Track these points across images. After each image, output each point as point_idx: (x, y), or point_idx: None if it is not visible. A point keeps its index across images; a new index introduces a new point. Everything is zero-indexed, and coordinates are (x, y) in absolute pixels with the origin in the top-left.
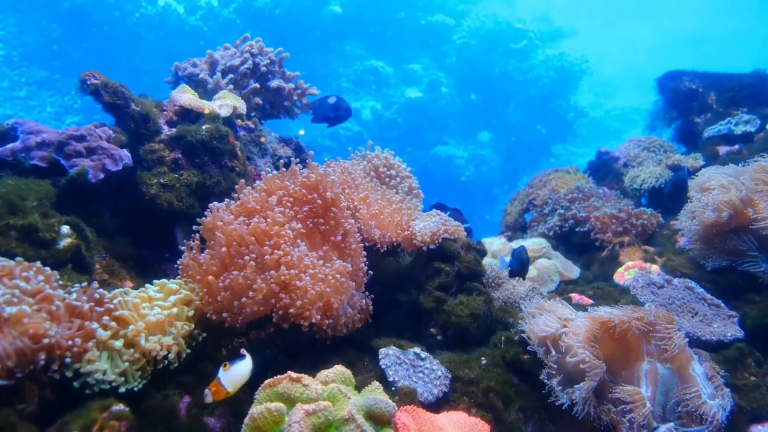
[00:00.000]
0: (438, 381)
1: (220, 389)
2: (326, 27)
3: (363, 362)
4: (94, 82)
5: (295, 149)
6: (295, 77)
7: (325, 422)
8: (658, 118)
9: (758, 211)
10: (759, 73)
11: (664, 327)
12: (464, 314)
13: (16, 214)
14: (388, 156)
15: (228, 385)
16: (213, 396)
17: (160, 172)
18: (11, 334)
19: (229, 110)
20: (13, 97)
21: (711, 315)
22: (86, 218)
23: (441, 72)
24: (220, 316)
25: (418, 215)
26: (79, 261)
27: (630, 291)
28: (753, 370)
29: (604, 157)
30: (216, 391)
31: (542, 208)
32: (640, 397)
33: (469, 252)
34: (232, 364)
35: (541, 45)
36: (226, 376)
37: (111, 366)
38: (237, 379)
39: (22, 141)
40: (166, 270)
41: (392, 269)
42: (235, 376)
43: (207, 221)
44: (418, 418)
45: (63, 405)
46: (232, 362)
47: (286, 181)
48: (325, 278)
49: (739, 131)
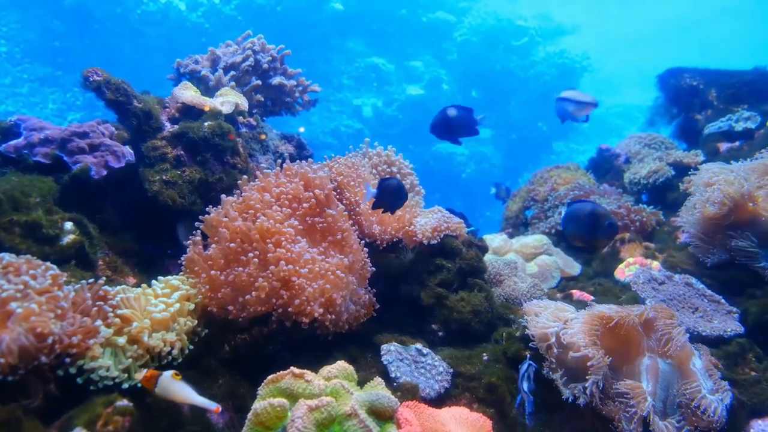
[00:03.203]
0: (440, 377)
1: (152, 380)
2: (327, 24)
3: (365, 358)
4: (96, 78)
5: (296, 146)
6: (297, 74)
7: (328, 417)
8: (658, 114)
9: (759, 205)
10: (760, 70)
11: (664, 323)
12: (466, 310)
13: (19, 210)
14: (389, 153)
15: (161, 387)
16: (143, 377)
17: (163, 168)
18: (16, 331)
19: (231, 107)
20: (16, 94)
21: (711, 311)
22: (89, 215)
23: (442, 69)
24: (224, 311)
25: (420, 212)
26: (82, 257)
27: (631, 287)
28: (753, 365)
29: (605, 154)
30: (148, 378)
31: (543, 205)
32: (641, 391)
33: (471, 248)
34: (182, 383)
35: (542, 42)
36: (168, 381)
37: (115, 362)
38: (170, 391)
39: (25, 138)
40: (169, 266)
41: (394, 265)
42: (173, 390)
43: (210, 218)
44: (420, 413)
45: (68, 400)
46: (183, 384)
47: (282, 178)
48: (324, 274)
49: (739, 128)
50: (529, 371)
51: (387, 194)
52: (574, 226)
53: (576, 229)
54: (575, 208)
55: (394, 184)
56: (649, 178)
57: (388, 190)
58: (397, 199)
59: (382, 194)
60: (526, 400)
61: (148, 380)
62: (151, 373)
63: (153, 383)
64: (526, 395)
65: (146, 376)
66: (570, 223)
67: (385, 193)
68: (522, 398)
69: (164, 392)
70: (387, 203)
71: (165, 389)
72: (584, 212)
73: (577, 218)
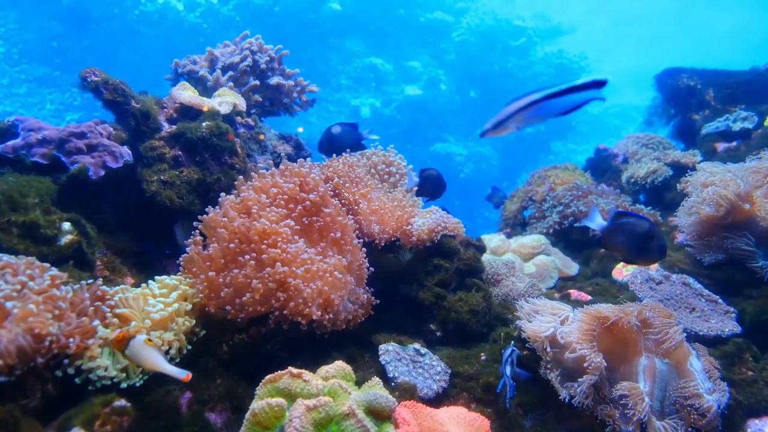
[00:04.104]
0: (438, 376)
1: (123, 341)
2: (326, 24)
3: (363, 358)
4: (94, 79)
5: (294, 146)
6: (295, 74)
7: (325, 417)
8: (656, 114)
9: (755, 206)
10: (757, 70)
11: (661, 322)
12: (463, 310)
13: (17, 210)
14: (387, 153)
15: (131, 350)
16: (114, 337)
17: (161, 169)
18: (14, 331)
19: (229, 107)
20: (13, 94)
21: (709, 310)
22: (87, 215)
23: (440, 69)
24: (222, 311)
25: (418, 212)
26: (80, 257)
27: (629, 287)
28: (750, 365)
29: (603, 154)
30: (120, 339)
31: (541, 205)
32: (638, 392)
33: (469, 248)
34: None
35: (540, 42)
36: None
37: (113, 362)
38: (140, 356)
39: (23, 138)
40: (167, 266)
41: (392, 265)
42: (143, 355)
43: (208, 218)
44: (418, 413)
45: (65, 400)
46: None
47: (279, 179)
48: (323, 275)
49: (737, 128)
50: (512, 357)
51: (429, 182)
52: (623, 240)
53: (624, 243)
54: (628, 222)
55: (434, 174)
56: (647, 178)
57: (430, 179)
58: (439, 187)
59: (424, 182)
60: (508, 385)
61: (120, 341)
62: (123, 334)
63: (124, 345)
64: (508, 380)
65: (118, 337)
66: (618, 235)
67: (427, 181)
68: (504, 383)
69: (134, 356)
70: (429, 191)
71: (135, 353)
72: (640, 229)
73: (628, 232)
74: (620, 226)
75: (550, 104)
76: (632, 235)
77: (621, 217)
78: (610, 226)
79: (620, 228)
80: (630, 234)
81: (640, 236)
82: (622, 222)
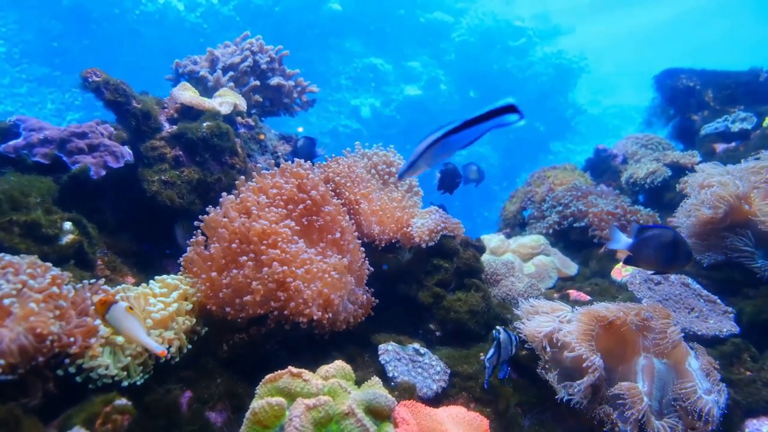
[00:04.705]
0: (437, 376)
1: (105, 305)
2: (325, 24)
3: (363, 357)
4: (95, 79)
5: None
6: (295, 75)
7: (325, 417)
8: (655, 114)
9: (753, 207)
10: (755, 71)
11: (660, 322)
12: (463, 310)
13: (18, 210)
14: (387, 154)
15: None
16: (98, 301)
17: (161, 169)
18: (16, 330)
19: (230, 107)
20: (14, 94)
21: (707, 311)
22: (88, 215)
23: (440, 69)
24: (222, 311)
25: (418, 212)
26: (81, 257)
27: (627, 287)
28: (749, 365)
29: (602, 154)
30: (102, 302)
31: (540, 205)
32: (637, 392)
33: (468, 249)
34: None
35: (540, 42)
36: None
37: (113, 361)
38: (120, 323)
39: (25, 138)
40: (167, 266)
41: (392, 265)
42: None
43: (209, 218)
44: (418, 412)
45: (66, 399)
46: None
47: (279, 179)
48: (322, 276)
49: (736, 128)
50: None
51: (448, 177)
52: (652, 253)
53: (654, 256)
54: (654, 235)
55: (452, 169)
56: (646, 178)
57: (449, 174)
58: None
59: (444, 177)
60: (487, 370)
61: (102, 305)
62: (106, 298)
63: (104, 310)
64: (488, 366)
65: (101, 300)
66: (647, 249)
67: (446, 176)
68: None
69: (114, 322)
70: (447, 185)
71: (115, 319)
72: (665, 240)
73: (656, 245)
74: (647, 241)
75: (453, 139)
76: (660, 247)
77: (644, 231)
78: (637, 243)
79: (647, 242)
80: (658, 246)
81: (668, 245)
82: (648, 236)
